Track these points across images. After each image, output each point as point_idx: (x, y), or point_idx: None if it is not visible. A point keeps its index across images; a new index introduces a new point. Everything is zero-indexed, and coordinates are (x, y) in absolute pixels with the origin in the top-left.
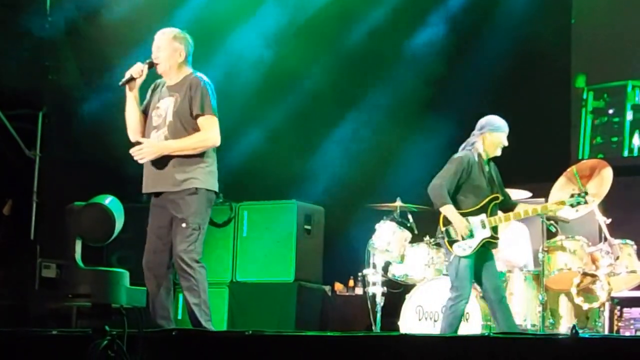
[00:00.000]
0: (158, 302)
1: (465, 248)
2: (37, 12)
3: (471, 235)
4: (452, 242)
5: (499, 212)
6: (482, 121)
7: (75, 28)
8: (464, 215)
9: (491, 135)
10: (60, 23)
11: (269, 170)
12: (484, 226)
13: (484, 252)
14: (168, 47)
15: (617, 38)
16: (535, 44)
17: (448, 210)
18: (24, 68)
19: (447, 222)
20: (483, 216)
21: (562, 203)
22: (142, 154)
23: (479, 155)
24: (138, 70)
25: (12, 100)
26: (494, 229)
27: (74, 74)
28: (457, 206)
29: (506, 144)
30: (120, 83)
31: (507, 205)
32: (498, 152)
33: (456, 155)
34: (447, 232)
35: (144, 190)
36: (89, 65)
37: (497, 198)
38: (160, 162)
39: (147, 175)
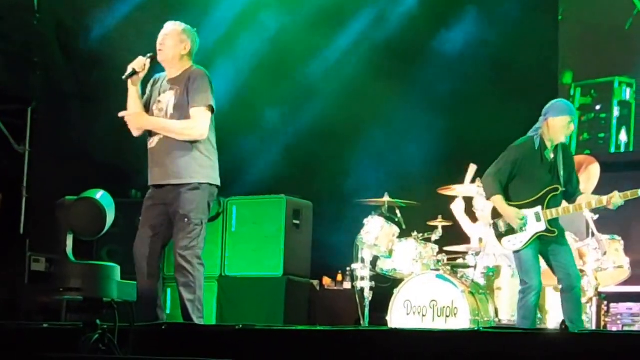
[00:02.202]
0: (148, 292)
1: (515, 242)
2: (26, 8)
3: (523, 229)
4: (500, 235)
5: (564, 203)
6: (547, 106)
7: (63, 23)
8: (518, 207)
9: (554, 121)
10: (49, 18)
11: (258, 166)
12: (538, 219)
13: (550, 243)
14: (176, 36)
15: (604, 35)
16: (523, 40)
17: (497, 201)
18: (13, 63)
19: (496, 214)
20: (538, 208)
21: (635, 194)
22: (128, 121)
23: (542, 142)
24: (141, 64)
25: (1, 96)
26: (550, 222)
27: (62, 69)
28: (512, 197)
29: (571, 129)
30: (124, 77)
31: (574, 196)
32: (563, 138)
33: (515, 143)
34: (495, 225)
35: (150, 182)
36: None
37: (556, 189)
38: (163, 156)
39: (152, 168)
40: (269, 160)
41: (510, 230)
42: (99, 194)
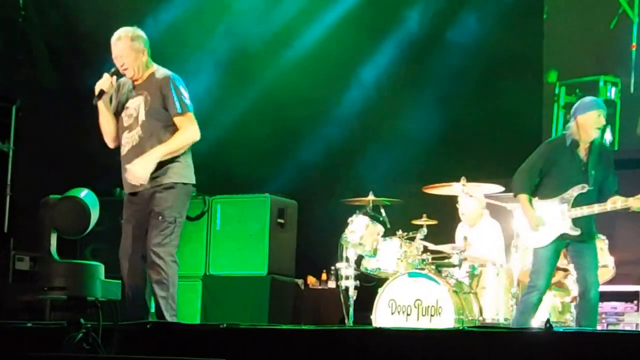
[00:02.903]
0: (134, 292)
1: (539, 239)
2: (11, 6)
3: (546, 225)
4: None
5: (595, 204)
6: (575, 106)
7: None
8: (544, 204)
9: (583, 117)
10: (34, 16)
11: (242, 164)
12: (563, 217)
13: (576, 243)
14: (131, 51)
15: (589, 33)
16: (508, 39)
17: (521, 200)
18: None
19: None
20: (564, 207)
21: None
22: (139, 175)
23: (574, 140)
24: (107, 83)
25: None
26: (575, 222)
27: (47, 67)
28: (539, 195)
29: (601, 123)
30: (94, 102)
31: (609, 197)
32: (594, 134)
33: (547, 140)
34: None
35: (126, 190)
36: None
37: (583, 188)
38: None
39: (125, 176)
40: (254, 159)
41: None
42: (83, 193)
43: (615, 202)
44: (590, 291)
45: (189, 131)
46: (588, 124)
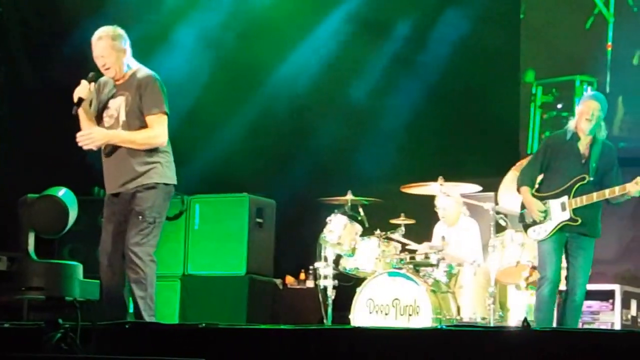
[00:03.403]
0: (113, 291)
1: (540, 232)
2: None
3: (547, 218)
4: (526, 226)
5: (594, 192)
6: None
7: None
8: (546, 198)
9: (578, 107)
10: (12, 14)
11: (221, 164)
12: (563, 208)
13: (575, 238)
14: (111, 51)
15: (566, 34)
16: (485, 38)
17: (522, 193)
18: None
19: (524, 205)
20: (564, 198)
21: None
22: (90, 138)
23: (574, 134)
24: (86, 90)
25: None
26: (575, 212)
27: (26, 66)
28: (543, 188)
29: (589, 113)
30: (74, 111)
31: (608, 187)
32: (584, 125)
33: (549, 134)
34: (522, 216)
35: (108, 191)
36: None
37: (583, 179)
38: (117, 160)
39: (107, 175)
40: (233, 159)
41: (536, 221)
42: (62, 192)
43: (614, 190)
44: (577, 291)
45: (155, 132)
46: (581, 115)
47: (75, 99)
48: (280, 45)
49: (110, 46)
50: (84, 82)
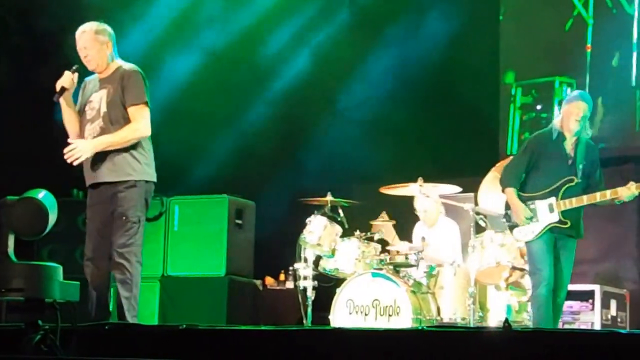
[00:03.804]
0: (97, 292)
1: (527, 233)
2: None
3: (533, 220)
4: (512, 226)
5: (584, 195)
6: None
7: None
8: (532, 198)
9: (565, 108)
10: None
11: (201, 165)
12: (551, 210)
13: (562, 239)
14: (94, 43)
15: (545, 35)
16: (465, 39)
17: (508, 194)
18: None
19: (509, 205)
20: (552, 199)
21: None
22: (76, 153)
23: (560, 133)
24: (68, 80)
25: None
26: (564, 214)
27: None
28: (529, 188)
29: (579, 114)
30: (55, 99)
31: (595, 190)
32: (573, 125)
33: (533, 134)
34: (507, 216)
35: (87, 183)
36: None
37: (571, 180)
38: (97, 156)
39: (87, 170)
40: (212, 160)
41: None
42: (41, 194)
43: (605, 193)
44: (559, 291)
45: (139, 124)
46: (569, 115)
47: (58, 88)
48: (260, 48)
49: (92, 38)
50: (67, 73)
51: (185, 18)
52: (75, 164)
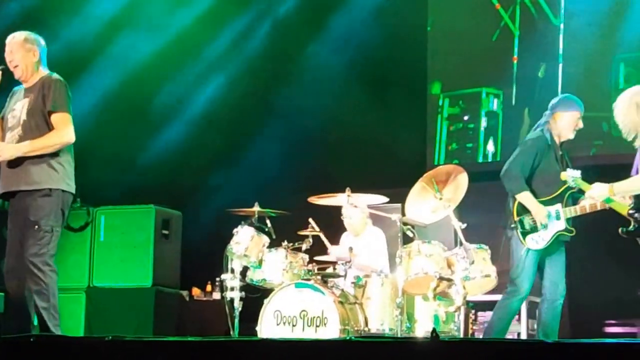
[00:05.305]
0: (17, 303)
1: (538, 241)
2: None
3: (545, 227)
4: (525, 233)
5: (580, 202)
6: (554, 100)
7: None
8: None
9: (563, 115)
10: None
11: (127, 175)
12: (558, 217)
13: (556, 246)
14: (20, 48)
15: (472, 46)
16: (392, 50)
17: (525, 198)
18: None
19: (522, 211)
20: (558, 206)
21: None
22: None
23: (553, 137)
24: None
25: None
26: (569, 221)
27: None
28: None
29: (581, 125)
30: None
31: (576, 199)
32: (571, 134)
33: (529, 137)
34: (522, 223)
35: (1, 190)
36: None
37: (572, 187)
38: (15, 163)
39: (3, 177)
40: (139, 170)
41: (534, 229)
42: None
43: (595, 204)
44: (559, 299)
45: (62, 131)
46: (568, 123)
47: None
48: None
49: (20, 45)
50: None
51: (105, 38)
52: None
